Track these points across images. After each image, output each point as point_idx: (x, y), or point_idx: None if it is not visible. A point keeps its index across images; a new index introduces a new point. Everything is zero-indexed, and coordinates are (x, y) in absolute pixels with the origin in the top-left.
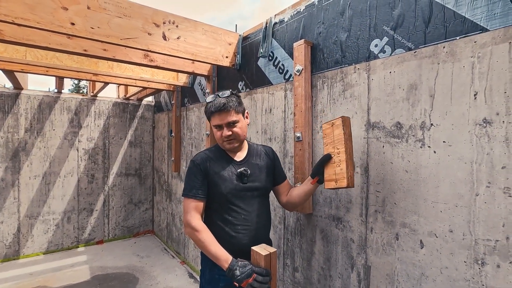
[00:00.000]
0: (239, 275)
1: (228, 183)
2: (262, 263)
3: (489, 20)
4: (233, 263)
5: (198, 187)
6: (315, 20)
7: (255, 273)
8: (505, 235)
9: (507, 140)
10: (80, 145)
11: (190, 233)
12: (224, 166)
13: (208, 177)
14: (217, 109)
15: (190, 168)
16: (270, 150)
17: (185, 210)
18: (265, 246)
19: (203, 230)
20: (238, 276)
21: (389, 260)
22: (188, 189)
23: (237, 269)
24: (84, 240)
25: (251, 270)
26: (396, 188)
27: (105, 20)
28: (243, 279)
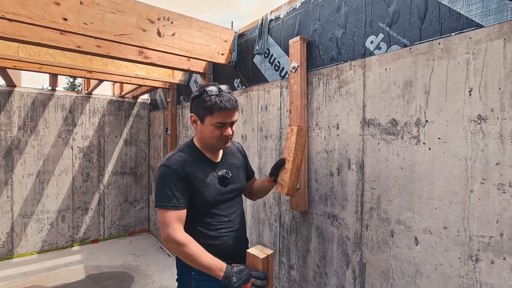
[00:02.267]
0: (236, 282)
1: (212, 189)
2: (259, 266)
3: (484, 16)
4: (228, 270)
5: (179, 196)
6: (311, 16)
7: (253, 277)
8: (499, 231)
9: (501, 136)
10: (75, 143)
11: (175, 249)
12: (205, 170)
13: (190, 184)
14: (227, 106)
15: (164, 175)
16: (240, 146)
17: (164, 223)
18: (261, 247)
19: (189, 242)
20: (236, 283)
21: (384, 257)
22: (165, 200)
23: (233, 276)
24: (79, 239)
25: (248, 275)
26: (391, 185)
27: (98, 15)
28: (240, 285)
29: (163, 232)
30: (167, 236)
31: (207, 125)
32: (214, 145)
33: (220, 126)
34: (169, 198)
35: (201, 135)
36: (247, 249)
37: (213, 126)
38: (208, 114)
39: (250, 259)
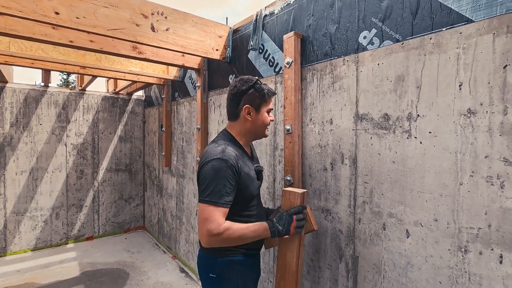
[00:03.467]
0: (282, 229)
1: (255, 183)
2: (297, 201)
3: (474, 11)
4: (271, 224)
5: (230, 193)
6: (305, 12)
7: (293, 214)
8: (487, 223)
9: (490, 130)
10: (69, 140)
11: (219, 241)
12: (248, 164)
13: (240, 180)
14: (274, 92)
15: (219, 169)
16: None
17: (209, 219)
18: (292, 188)
19: (230, 224)
20: (283, 229)
21: (377, 250)
22: (216, 196)
23: (278, 226)
24: (74, 237)
25: (289, 216)
26: (384, 179)
27: (91, 10)
28: (288, 229)
29: (203, 227)
30: (210, 232)
31: (263, 113)
32: (262, 134)
33: (268, 113)
34: (220, 195)
35: (255, 124)
36: (284, 189)
37: (267, 113)
38: (263, 102)
39: (286, 196)
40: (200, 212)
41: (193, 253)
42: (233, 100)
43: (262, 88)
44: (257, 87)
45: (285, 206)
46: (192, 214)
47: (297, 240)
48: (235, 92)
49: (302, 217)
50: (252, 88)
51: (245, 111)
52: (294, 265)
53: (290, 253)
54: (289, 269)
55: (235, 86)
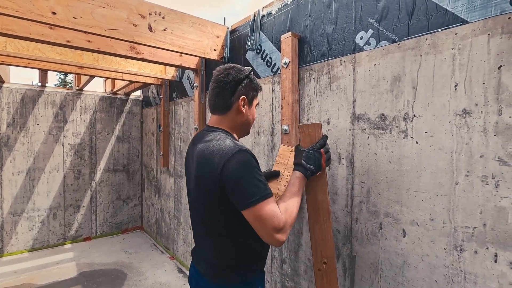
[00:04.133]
0: (314, 167)
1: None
2: (319, 133)
3: (469, 12)
4: (303, 170)
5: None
6: (302, 12)
7: (320, 149)
8: (482, 222)
9: (485, 130)
10: (66, 140)
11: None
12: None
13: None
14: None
15: (248, 161)
16: None
17: (271, 214)
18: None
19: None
20: (315, 168)
21: (373, 249)
22: (262, 189)
23: (310, 166)
24: (71, 237)
25: (317, 152)
26: (380, 179)
27: (88, 9)
28: (320, 164)
29: (266, 228)
30: (277, 227)
31: (253, 107)
32: (248, 131)
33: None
34: (264, 186)
35: (246, 118)
36: (300, 124)
37: (255, 109)
38: (255, 96)
39: (305, 132)
40: (254, 219)
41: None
42: (226, 90)
43: (256, 81)
44: (252, 78)
45: (306, 142)
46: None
47: (325, 174)
48: (229, 80)
49: (328, 149)
50: (248, 78)
51: (241, 102)
52: (327, 202)
53: (321, 191)
54: (322, 208)
55: (228, 74)
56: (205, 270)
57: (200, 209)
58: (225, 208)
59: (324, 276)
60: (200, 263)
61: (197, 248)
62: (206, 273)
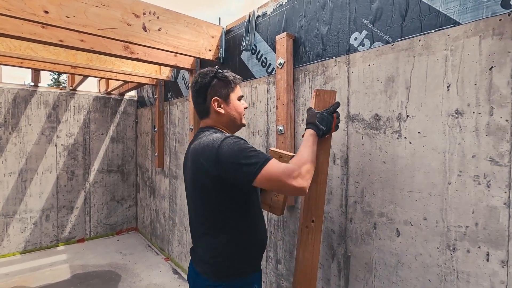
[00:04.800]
0: (325, 129)
1: None
2: (333, 99)
3: (461, 14)
4: (316, 129)
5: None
6: (297, 13)
7: (333, 113)
8: (474, 221)
9: (477, 130)
10: (59, 140)
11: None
12: None
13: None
14: (240, 78)
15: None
16: None
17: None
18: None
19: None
20: (326, 129)
21: (368, 249)
22: (261, 155)
23: (322, 127)
24: (64, 239)
25: (330, 115)
26: (374, 179)
27: (81, 9)
28: (330, 127)
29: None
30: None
31: (234, 101)
32: (239, 125)
33: (240, 99)
34: (262, 153)
35: (229, 116)
36: (316, 88)
37: (238, 101)
38: (231, 90)
39: (320, 96)
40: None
41: (186, 254)
42: (199, 97)
43: (226, 76)
44: (220, 76)
45: (319, 106)
46: (185, 215)
47: (330, 139)
48: (198, 88)
49: (339, 115)
50: (214, 78)
51: (215, 104)
52: (327, 165)
53: (324, 154)
54: (322, 170)
55: (196, 82)
56: (202, 269)
57: (199, 208)
58: (222, 202)
59: (310, 233)
60: (198, 263)
61: (195, 247)
62: (203, 272)
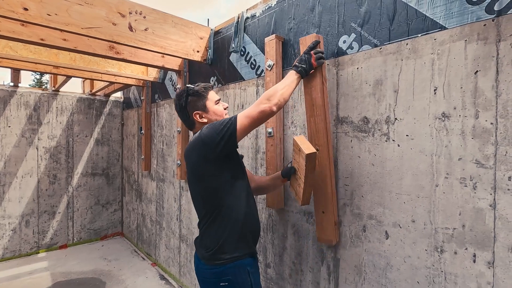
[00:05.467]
0: (306, 66)
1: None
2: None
3: (447, 18)
4: (295, 69)
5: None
6: (286, 15)
7: (310, 51)
8: (461, 223)
9: (463, 133)
10: (40, 143)
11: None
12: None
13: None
14: (210, 85)
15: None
16: None
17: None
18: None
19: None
20: (306, 66)
21: (357, 251)
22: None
23: (301, 65)
24: (45, 245)
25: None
26: (363, 181)
27: (64, 6)
28: (311, 62)
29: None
30: (264, 99)
31: (211, 108)
32: None
33: (218, 103)
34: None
35: (211, 120)
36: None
37: (216, 105)
38: (205, 100)
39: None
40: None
41: (174, 259)
42: (183, 115)
43: (196, 90)
44: (191, 92)
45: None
46: (172, 219)
47: (318, 75)
48: (179, 109)
49: (319, 51)
50: (188, 96)
51: (197, 117)
52: (319, 99)
53: (315, 90)
54: (316, 104)
55: (176, 105)
56: (201, 255)
57: (198, 200)
58: (216, 189)
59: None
60: (199, 249)
61: (198, 236)
62: (202, 257)
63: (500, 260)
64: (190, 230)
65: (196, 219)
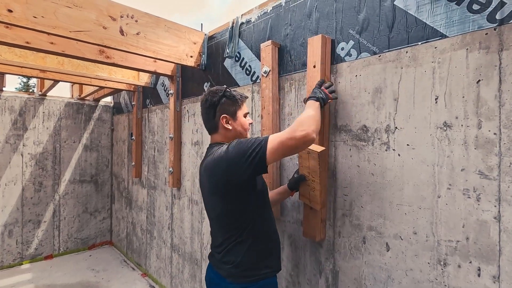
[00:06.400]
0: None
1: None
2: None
3: (448, 27)
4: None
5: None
6: (282, 21)
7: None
8: (465, 235)
9: (465, 143)
10: (26, 149)
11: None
12: None
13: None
14: (246, 96)
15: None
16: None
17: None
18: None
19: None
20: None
21: (357, 264)
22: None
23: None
24: (30, 256)
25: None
26: (363, 191)
27: (51, 9)
28: (326, 93)
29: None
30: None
31: (240, 118)
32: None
33: (245, 116)
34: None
35: (236, 131)
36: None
37: (244, 118)
38: (238, 108)
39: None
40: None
41: (165, 269)
42: (209, 114)
43: (233, 95)
44: (228, 95)
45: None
46: (164, 228)
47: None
48: (208, 106)
49: (329, 85)
50: (223, 97)
51: (223, 121)
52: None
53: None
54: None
55: (206, 100)
56: (227, 273)
57: (220, 218)
58: (241, 209)
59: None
60: (221, 267)
61: (214, 253)
62: (228, 275)
63: (505, 274)
64: (182, 239)
65: (189, 228)
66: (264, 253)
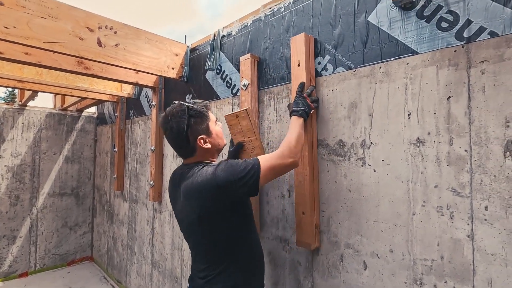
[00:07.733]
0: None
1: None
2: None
3: (419, 43)
4: (297, 114)
5: None
6: (261, 35)
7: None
8: (439, 254)
9: (438, 159)
10: (2, 161)
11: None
12: None
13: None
14: (209, 105)
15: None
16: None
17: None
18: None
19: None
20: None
21: (335, 282)
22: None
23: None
24: (3, 274)
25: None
26: (340, 208)
27: (23, 19)
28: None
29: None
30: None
31: (214, 129)
32: (223, 147)
33: (216, 123)
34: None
35: (215, 145)
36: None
37: (217, 126)
38: (208, 121)
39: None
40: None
41: (145, 287)
42: (179, 141)
43: (198, 110)
44: (193, 113)
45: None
46: (145, 243)
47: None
48: (176, 133)
49: (311, 90)
50: (190, 118)
51: (200, 142)
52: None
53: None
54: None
55: (171, 128)
56: None
57: (201, 243)
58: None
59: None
60: None
61: (196, 278)
62: None
63: None
64: (163, 255)
65: (169, 243)
66: (249, 279)
